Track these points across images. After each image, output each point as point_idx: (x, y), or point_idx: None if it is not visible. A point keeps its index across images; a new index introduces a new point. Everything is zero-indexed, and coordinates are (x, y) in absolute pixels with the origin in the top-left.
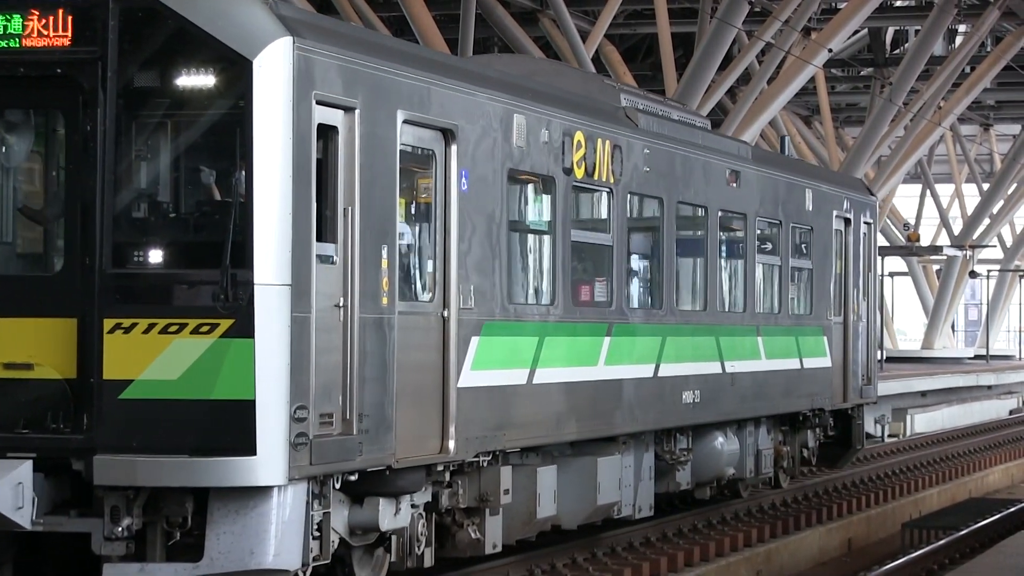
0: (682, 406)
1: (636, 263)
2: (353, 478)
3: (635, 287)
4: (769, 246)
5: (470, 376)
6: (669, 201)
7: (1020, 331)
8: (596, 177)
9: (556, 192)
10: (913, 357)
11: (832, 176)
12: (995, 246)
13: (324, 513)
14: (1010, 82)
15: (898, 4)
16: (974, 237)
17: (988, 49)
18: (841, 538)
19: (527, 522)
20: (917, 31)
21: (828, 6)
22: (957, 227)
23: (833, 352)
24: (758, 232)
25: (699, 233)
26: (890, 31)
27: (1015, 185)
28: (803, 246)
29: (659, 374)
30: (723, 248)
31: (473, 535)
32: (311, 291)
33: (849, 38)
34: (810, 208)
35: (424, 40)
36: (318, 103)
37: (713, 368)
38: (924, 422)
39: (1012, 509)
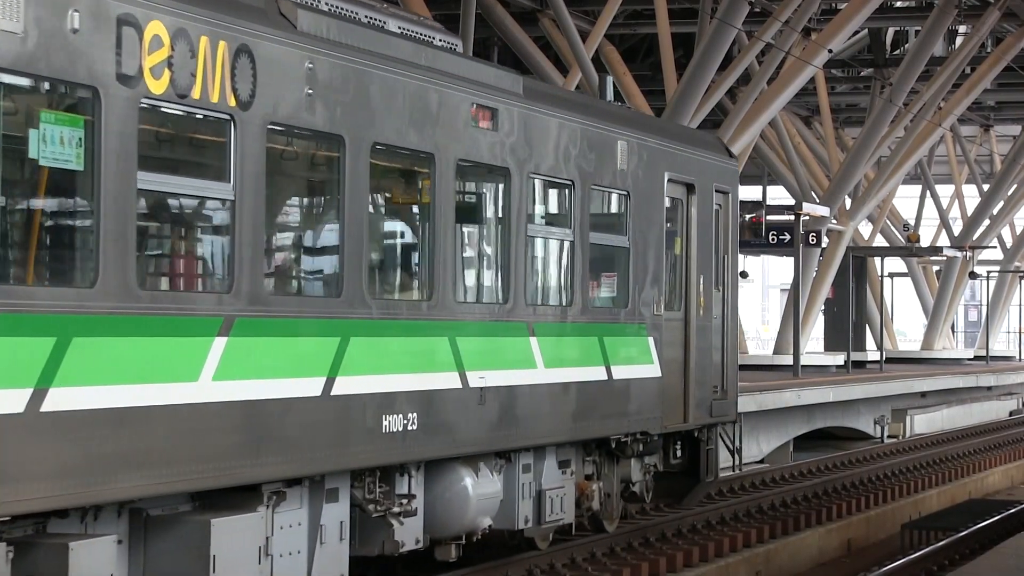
0: (382, 436)
1: (288, 230)
2: None
3: (286, 264)
4: (552, 215)
5: None
6: (356, 143)
7: (1020, 332)
8: (198, 96)
9: (103, 112)
10: (913, 358)
11: (665, 128)
12: (995, 247)
13: None
14: (1010, 83)
15: (898, 5)
16: (974, 238)
17: (988, 50)
18: (841, 539)
19: None
20: (917, 32)
21: (828, 7)
22: (957, 228)
23: (665, 358)
24: (532, 195)
25: (419, 192)
26: (890, 32)
27: (1015, 186)
28: (613, 217)
29: (335, 391)
30: (465, 215)
31: None
32: None
33: (849, 39)
34: (624, 167)
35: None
36: None
37: (445, 381)
38: (924, 423)
39: (1012, 510)
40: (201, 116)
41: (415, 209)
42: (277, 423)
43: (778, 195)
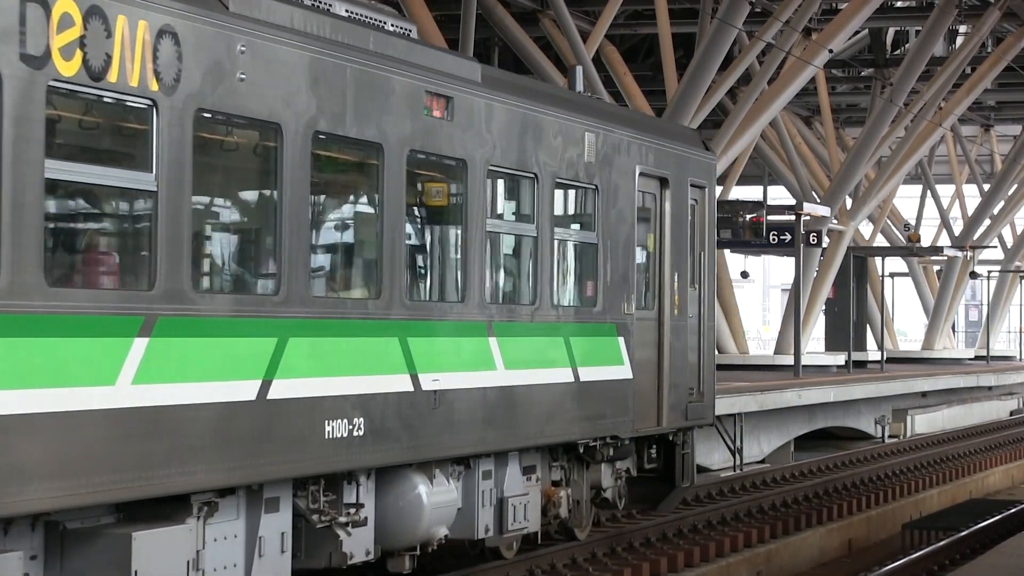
0: (325, 442)
1: (218, 223)
2: None
3: (217, 259)
4: (514, 209)
5: None
6: (295, 131)
7: (1020, 332)
8: (115, 80)
9: (3, 95)
10: (913, 358)
11: (636, 120)
12: (996, 247)
13: None
14: (1011, 83)
15: (899, 5)
16: (975, 238)
17: (989, 50)
18: (841, 539)
19: None
20: (918, 32)
21: (829, 7)
22: (958, 228)
23: (636, 359)
24: (491, 188)
25: (366, 184)
26: (891, 32)
27: (1016, 186)
28: (581, 212)
29: (272, 395)
30: (417, 208)
31: None
32: None
33: (850, 39)
34: (593, 160)
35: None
36: None
37: (395, 384)
38: (924, 423)
39: (1012, 510)
40: (119, 101)
41: (362, 202)
42: (207, 429)
43: (779, 195)
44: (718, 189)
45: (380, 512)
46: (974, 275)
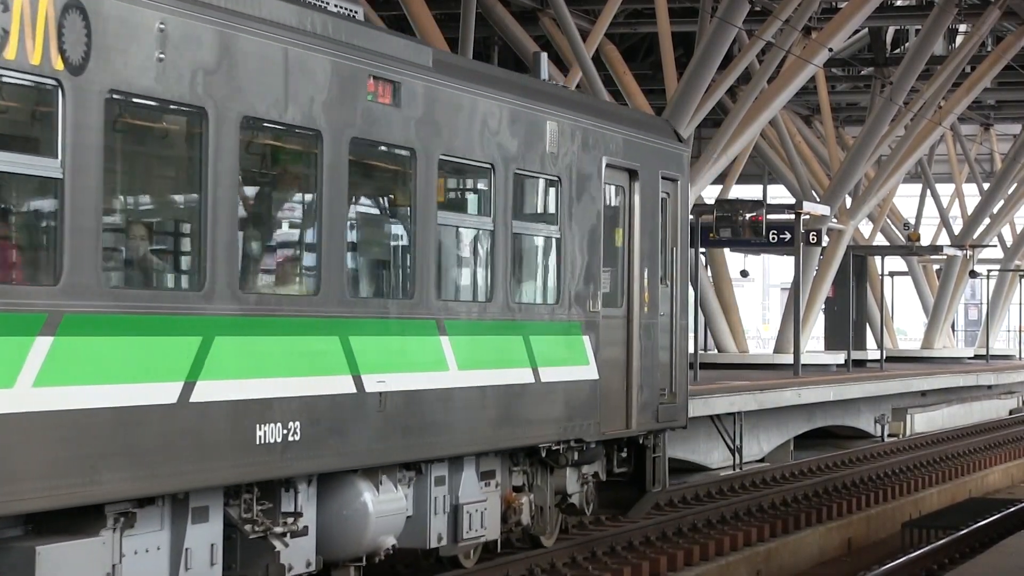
0: (257, 448)
1: (134, 214)
2: None
3: (132, 253)
4: (469, 201)
5: None
6: (221, 116)
7: (1020, 331)
8: (12, 57)
9: None
10: (913, 357)
11: (604, 109)
12: (995, 246)
13: None
14: (1010, 82)
15: (899, 4)
16: (974, 237)
17: (988, 49)
18: (841, 537)
19: None
20: (917, 31)
21: (828, 5)
22: (957, 227)
23: (603, 359)
24: (443, 179)
25: (304, 173)
26: (890, 30)
27: (1015, 185)
28: (542, 205)
29: (195, 397)
30: (361, 200)
31: None
32: None
33: (849, 37)
34: (555, 150)
35: (424, 39)
36: None
37: (335, 385)
38: (924, 422)
39: (1012, 509)
40: (18, 80)
41: (298, 192)
42: (121, 435)
43: (778, 194)
44: (718, 188)
45: (323, 521)
46: (974, 274)
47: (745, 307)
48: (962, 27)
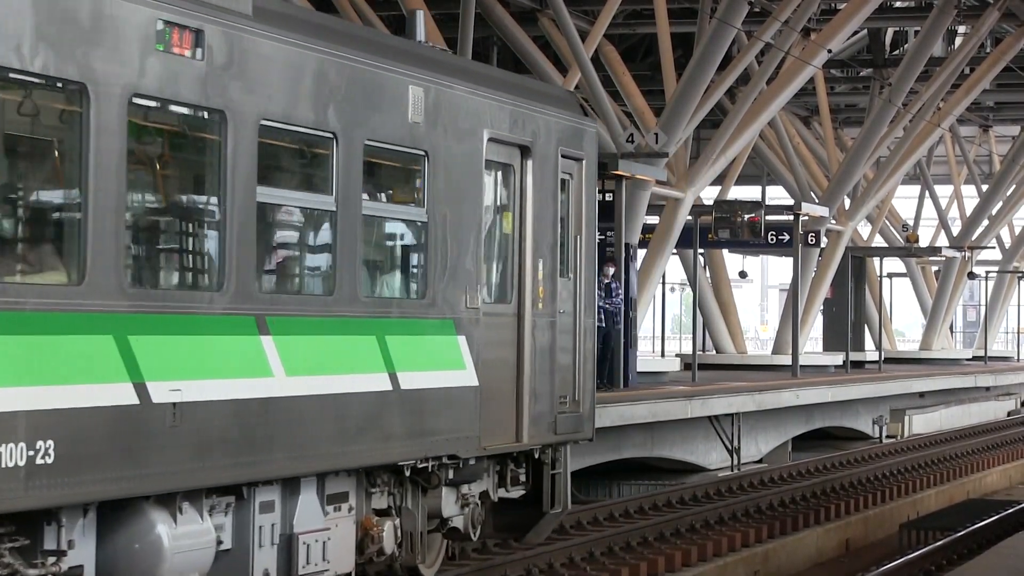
0: (3, 471)
1: None
2: None
3: None
4: (302, 175)
5: None
6: None
7: (1018, 332)
8: None
9: None
10: (911, 358)
11: (486, 75)
12: (994, 247)
13: None
14: (1009, 83)
15: (898, 5)
16: (973, 238)
17: (987, 50)
18: (839, 538)
19: None
20: (917, 32)
21: (828, 6)
22: (956, 228)
23: (484, 362)
24: (265, 148)
25: (67, 134)
26: (890, 32)
27: (1014, 186)
28: (403, 183)
29: None
30: (144, 170)
31: None
32: None
33: (849, 39)
34: (419, 119)
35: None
36: None
37: (108, 396)
38: (922, 423)
39: (1010, 510)
40: None
41: (57, 159)
42: None
43: (777, 195)
44: (716, 189)
45: (105, 558)
46: (972, 275)
47: (743, 308)
48: (961, 28)
